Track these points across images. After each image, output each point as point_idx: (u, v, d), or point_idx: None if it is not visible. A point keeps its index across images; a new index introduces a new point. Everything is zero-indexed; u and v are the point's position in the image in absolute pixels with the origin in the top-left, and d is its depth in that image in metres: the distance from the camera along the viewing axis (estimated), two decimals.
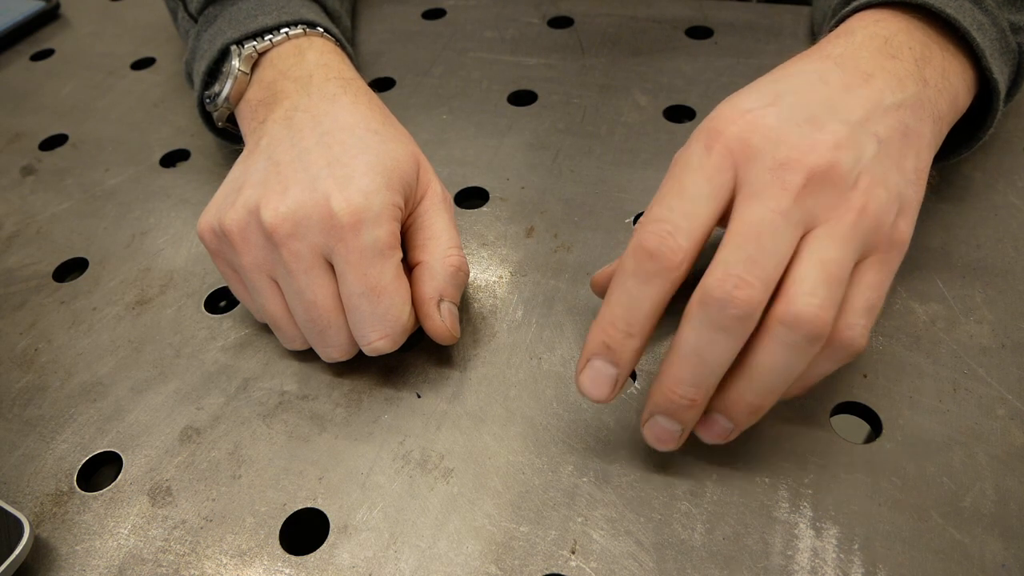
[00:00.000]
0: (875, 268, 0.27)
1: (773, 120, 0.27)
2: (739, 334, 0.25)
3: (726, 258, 0.25)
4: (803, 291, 0.25)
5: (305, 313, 0.32)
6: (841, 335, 0.26)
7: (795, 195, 0.26)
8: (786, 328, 0.25)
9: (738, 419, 0.27)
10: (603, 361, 0.28)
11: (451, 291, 0.33)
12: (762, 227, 0.25)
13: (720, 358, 0.26)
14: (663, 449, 0.28)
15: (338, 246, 0.30)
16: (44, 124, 0.52)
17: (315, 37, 0.41)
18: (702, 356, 0.26)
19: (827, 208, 0.26)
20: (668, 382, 0.27)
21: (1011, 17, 0.34)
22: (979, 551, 0.26)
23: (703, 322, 0.25)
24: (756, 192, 0.26)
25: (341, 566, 0.28)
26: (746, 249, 0.25)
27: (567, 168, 0.43)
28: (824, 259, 0.25)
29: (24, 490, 0.31)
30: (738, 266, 0.25)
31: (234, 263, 0.33)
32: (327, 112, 0.35)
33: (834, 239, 0.26)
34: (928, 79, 0.30)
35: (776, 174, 0.26)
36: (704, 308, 0.25)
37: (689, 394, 0.26)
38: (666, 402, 0.27)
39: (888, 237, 0.27)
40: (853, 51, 0.30)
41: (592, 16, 0.54)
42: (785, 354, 0.25)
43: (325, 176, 0.31)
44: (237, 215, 0.32)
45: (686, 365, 0.26)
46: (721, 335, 0.25)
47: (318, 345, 0.33)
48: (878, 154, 0.27)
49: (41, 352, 0.37)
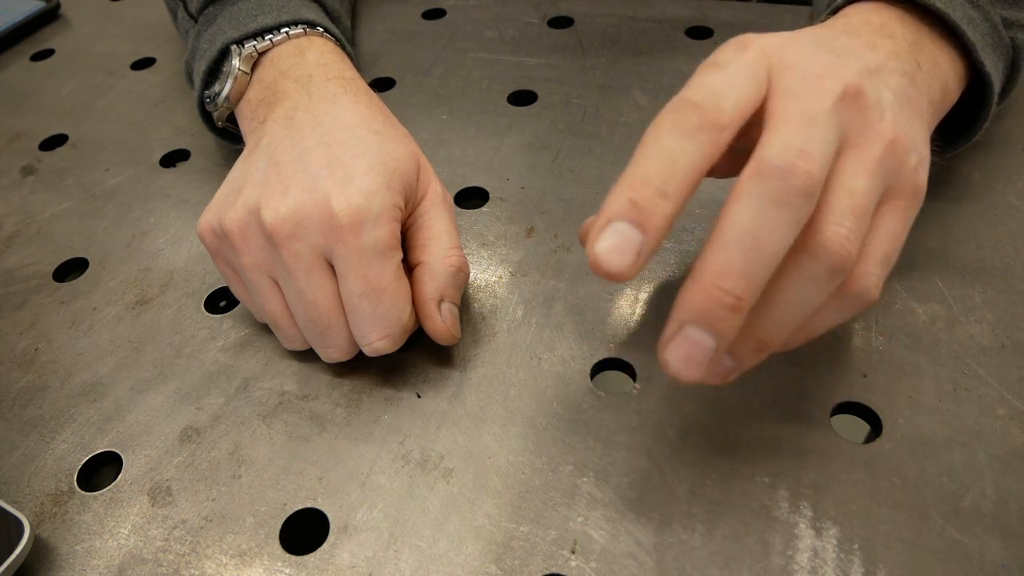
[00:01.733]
0: (894, 215, 0.25)
1: (799, 44, 0.26)
2: (800, 214, 0.22)
3: (782, 133, 0.22)
4: (831, 219, 0.23)
5: (305, 313, 0.32)
6: (856, 283, 0.24)
7: (833, 102, 0.23)
8: (810, 257, 0.23)
9: (742, 355, 0.25)
10: (628, 224, 0.22)
11: (451, 291, 0.33)
12: (810, 115, 0.23)
13: (778, 243, 0.22)
14: (688, 375, 0.23)
15: (338, 247, 0.30)
16: (44, 124, 0.52)
17: (315, 37, 0.41)
18: (757, 238, 0.22)
19: (858, 129, 0.24)
20: (710, 274, 0.22)
21: (1004, 12, 0.34)
22: (979, 551, 0.26)
23: (760, 196, 0.22)
24: (796, 93, 0.24)
25: (341, 566, 0.28)
26: (801, 128, 0.22)
27: (567, 168, 0.43)
28: (852, 189, 0.23)
29: (24, 490, 0.31)
30: (799, 138, 0.22)
31: (234, 263, 0.33)
32: (327, 112, 0.35)
33: (862, 168, 0.24)
34: (921, 64, 0.30)
35: (815, 82, 0.24)
36: (762, 179, 0.22)
37: (737, 289, 0.22)
38: (707, 300, 0.22)
39: (909, 181, 0.26)
40: (853, 28, 0.30)
41: (592, 16, 0.54)
42: (804, 286, 0.23)
43: (325, 176, 0.31)
44: (237, 215, 0.32)
45: (736, 250, 0.22)
46: (782, 212, 0.22)
47: (318, 345, 0.33)
48: (895, 101, 0.26)
49: (41, 352, 0.37)
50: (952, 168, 0.39)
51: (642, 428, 0.31)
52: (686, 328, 0.23)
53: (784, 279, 0.23)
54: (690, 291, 0.22)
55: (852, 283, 0.24)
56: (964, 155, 0.39)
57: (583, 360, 0.33)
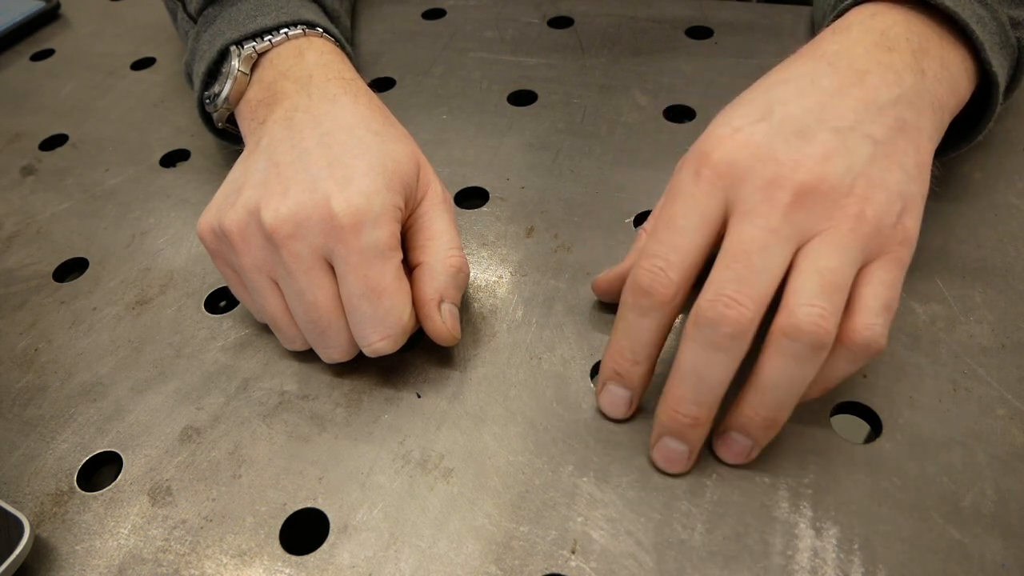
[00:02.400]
0: (884, 267, 0.27)
1: (761, 137, 0.28)
2: (734, 352, 0.26)
3: (717, 278, 0.26)
4: (802, 301, 0.25)
5: (305, 314, 0.32)
6: (859, 336, 0.26)
7: (784, 211, 0.26)
8: (788, 339, 0.25)
9: (755, 434, 0.28)
10: (616, 385, 0.30)
11: (452, 292, 0.33)
12: (752, 246, 0.26)
13: (718, 376, 0.26)
14: (673, 472, 0.29)
15: (338, 247, 0.30)
16: (44, 124, 0.52)
17: (315, 37, 0.41)
18: (700, 375, 0.27)
19: (822, 219, 0.26)
20: (671, 401, 0.28)
21: (1011, 12, 0.34)
22: (979, 551, 0.26)
23: (698, 342, 0.26)
24: (746, 211, 0.27)
25: (341, 566, 0.28)
26: (735, 269, 0.26)
27: (567, 168, 0.43)
28: (821, 268, 0.26)
29: (24, 490, 0.31)
30: (729, 286, 0.26)
31: (234, 264, 0.33)
32: (327, 112, 0.35)
33: (831, 247, 0.26)
34: (926, 70, 0.30)
35: (765, 192, 0.27)
36: (698, 329, 0.26)
37: (692, 412, 0.27)
38: (670, 421, 0.28)
39: (892, 238, 0.27)
40: (848, 47, 0.31)
41: (592, 16, 0.54)
42: (791, 365, 0.26)
43: (325, 177, 0.31)
44: (237, 216, 0.32)
45: (686, 384, 0.27)
46: (717, 354, 0.26)
47: (318, 346, 0.33)
48: (874, 155, 0.27)
49: (41, 352, 0.37)
50: (953, 168, 0.39)
51: (642, 429, 0.31)
52: (663, 438, 0.29)
53: (771, 362, 0.26)
54: (660, 411, 0.28)
55: (856, 337, 0.26)
56: (965, 155, 0.39)
57: (583, 360, 0.33)
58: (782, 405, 0.27)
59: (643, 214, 0.39)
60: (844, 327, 0.26)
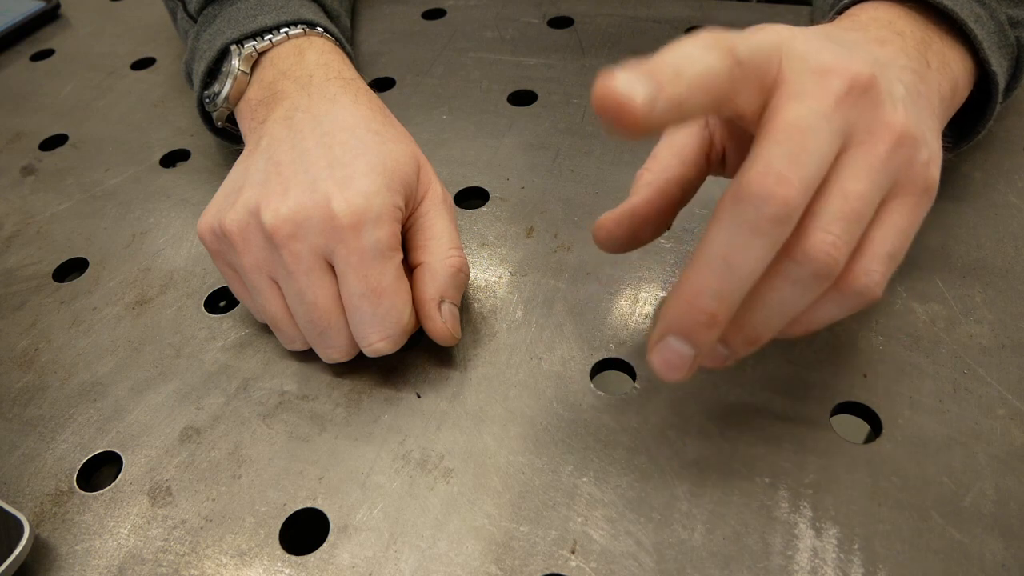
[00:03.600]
0: (902, 210, 0.25)
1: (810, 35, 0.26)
2: (774, 239, 0.23)
3: (766, 153, 0.23)
4: (818, 225, 0.23)
5: (306, 314, 0.31)
6: (857, 280, 0.24)
7: (837, 100, 0.24)
8: (794, 263, 0.23)
9: (735, 346, 0.26)
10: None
11: (452, 292, 0.33)
12: (805, 126, 0.23)
13: (750, 266, 0.23)
14: (671, 378, 0.25)
15: (339, 247, 0.30)
16: (44, 124, 0.52)
17: (315, 37, 0.41)
18: (730, 263, 0.23)
19: (866, 125, 0.24)
20: (688, 291, 0.24)
21: (1010, 11, 0.34)
22: (979, 551, 0.26)
23: (735, 223, 0.23)
24: (797, 92, 0.24)
25: (341, 566, 0.28)
26: (788, 146, 0.23)
27: (567, 168, 0.43)
28: (847, 191, 0.23)
29: (24, 490, 0.31)
30: (780, 161, 0.22)
31: (234, 263, 0.33)
32: (327, 112, 0.35)
33: (863, 168, 0.24)
34: (930, 62, 0.30)
35: (819, 76, 0.24)
36: (739, 206, 0.23)
37: (711, 307, 0.24)
38: (684, 316, 0.24)
39: (920, 176, 0.25)
40: (861, 25, 0.30)
41: (592, 16, 0.54)
42: (789, 289, 0.24)
43: (326, 177, 0.31)
44: (237, 216, 0.32)
45: (711, 272, 0.23)
46: (755, 239, 0.23)
47: (318, 346, 0.33)
48: (908, 95, 0.26)
49: (41, 352, 0.37)
50: (952, 168, 0.39)
51: (642, 428, 0.31)
52: (668, 338, 0.25)
53: (770, 281, 0.24)
54: (671, 306, 0.24)
55: (854, 280, 0.24)
56: (964, 155, 0.39)
57: (583, 360, 0.33)
58: (768, 325, 0.25)
59: None
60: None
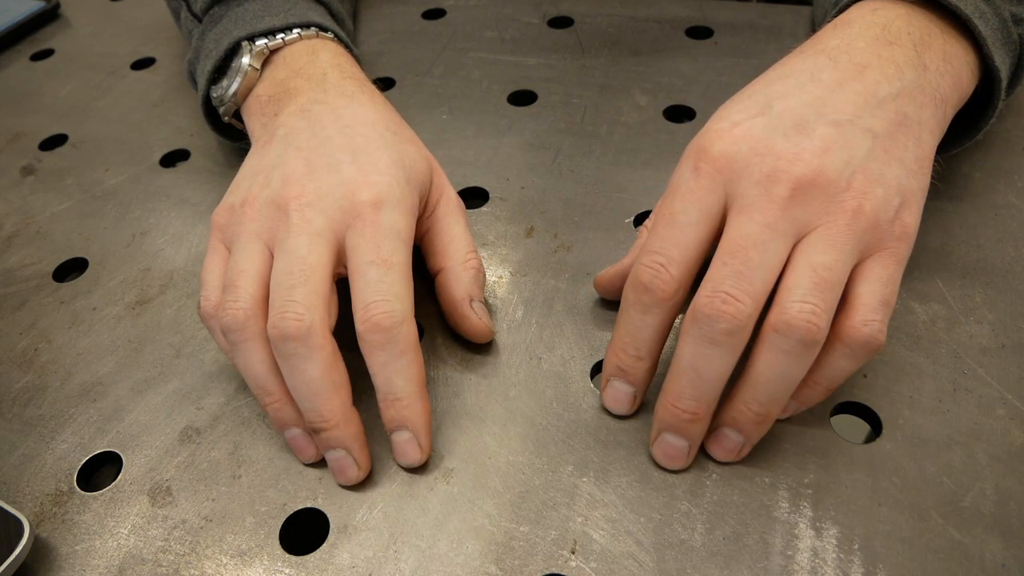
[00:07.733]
0: (882, 263, 0.27)
1: (759, 131, 0.28)
2: (732, 347, 0.26)
3: (715, 275, 0.26)
4: (794, 298, 0.25)
5: (286, 265, 0.29)
6: (859, 333, 0.26)
7: (782, 206, 0.26)
8: (780, 335, 0.26)
9: (746, 430, 0.28)
10: (620, 381, 0.30)
11: (477, 291, 0.34)
12: (749, 241, 0.26)
13: (716, 371, 0.27)
14: (673, 467, 0.29)
15: (356, 221, 0.30)
16: (44, 124, 0.52)
17: (327, 40, 0.41)
18: (698, 370, 0.27)
19: (819, 213, 0.26)
20: (670, 397, 0.28)
21: (1013, 8, 0.34)
22: (979, 551, 0.26)
23: (696, 338, 0.26)
24: (744, 207, 0.27)
25: (341, 566, 0.28)
26: (733, 265, 0.26)
27: (567, 168, 0.43)
28: (815, 264, 0.26)
29: (24, 490, 0.31)
30: (726, 282, 0.26)
31: (234, 233, 0.31)
32: (346, 107, 0.35)
33: (826, 243, 0.26)
34: (928, 64, 0.30)
35: (763, 187, 0.27)
36: (696, 324, 0.26)
37: (691, 408, 0.27)
38: (670, 417, 0.28)
39: (890, 233, 0.27)
40: (849, 42, 0.31)
41: (592, 16, 0.54)
42: (782, 361, 0.26)
43: (349, 162, 0.31)
44: (261, 190, 0.32)
45: (684, 380, 0.27)
46: (714, 349, 0.26)
47: (276, 303, 0.28)
48: (873, 149, 0.27)
49: (41, 352, 0.37)
50: (952, 168, 0.39)
51: (642, 428, 0.31)
52: (663, 435, 0.29)
53: (763, 357, 0.26)
54: (660, 407, 0.28)
55: (856, 333, 0.26)
56: (964, 155, 0.39)
57: (583, 360, 0.33)
58: (773, 401, 0.27)
59: (643, 214, 0.39)
60: (842, 325, 0.26)
